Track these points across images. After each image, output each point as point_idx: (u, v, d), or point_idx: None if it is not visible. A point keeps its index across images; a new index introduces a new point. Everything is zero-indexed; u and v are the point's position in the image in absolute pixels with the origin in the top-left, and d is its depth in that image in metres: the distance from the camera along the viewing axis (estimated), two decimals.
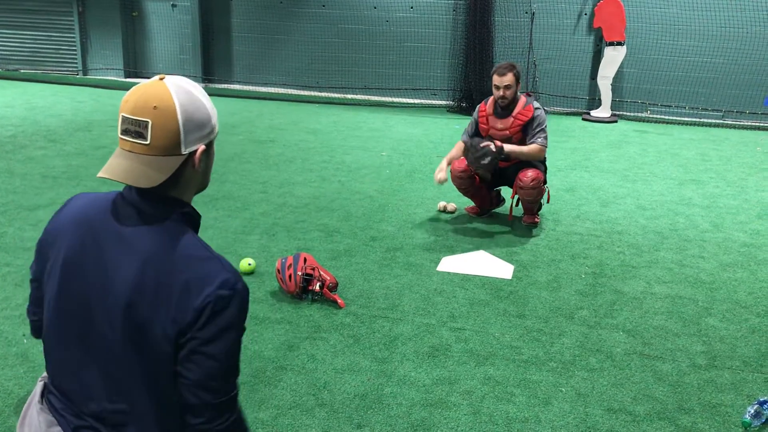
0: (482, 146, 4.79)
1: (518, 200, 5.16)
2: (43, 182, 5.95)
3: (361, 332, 3.56)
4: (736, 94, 9.78)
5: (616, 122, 9.67)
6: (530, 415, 2.93)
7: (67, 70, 12.44)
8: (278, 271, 3.97)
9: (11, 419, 2.79)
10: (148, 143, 1.41)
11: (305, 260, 3.98)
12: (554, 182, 6.24)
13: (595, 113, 9.82)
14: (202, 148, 1.49)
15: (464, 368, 3.27)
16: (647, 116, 10.01)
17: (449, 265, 4.46)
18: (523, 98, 5.03)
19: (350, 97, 11.04)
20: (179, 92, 1.45)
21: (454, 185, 5.21)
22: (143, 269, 1.42)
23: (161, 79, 1.47)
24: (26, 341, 3.36)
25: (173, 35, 11.85)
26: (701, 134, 9.01)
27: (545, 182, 5.11)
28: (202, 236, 1.53)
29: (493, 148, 4.77)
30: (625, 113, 10.08)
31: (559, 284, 4.22)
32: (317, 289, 3.85)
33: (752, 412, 2.90)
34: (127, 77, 12.13)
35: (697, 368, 3.34)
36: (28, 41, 12.55)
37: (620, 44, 9.49)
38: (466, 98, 10.28)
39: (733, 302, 4.05)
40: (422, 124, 9.21)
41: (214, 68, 11.81)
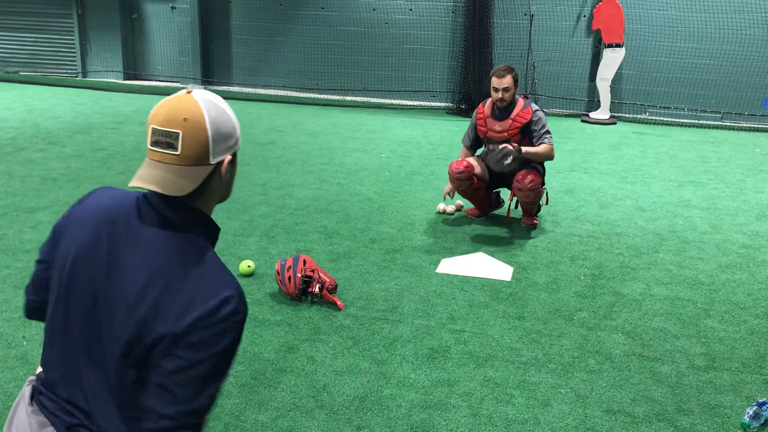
0: (501, 148, 4.81)
1: (517, 202, 5.17)
2: (42, 184, 5.95)
3: (360, 334, 3.57)
4: (734, 95, 9.80)
5: (615, 124, 9.68)
6: (529, 416, 2.93)
7: (66, 72, 12.44)
8: (278, 273, 3.97)
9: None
10: (178, 153, 1.47)
11: (305, 262, 3.98)
12: (553, 184, 6.25)
13: (594, 115, 9.83)
14: (228, 158, 1.55)
15: (464, 370, 3.27)
16: (646, 118, 10.03)
17: (448, 266, 4.47)
18: (521, 100, 5.04)
19: (349, 99, 11.05)
20: (207, 105, 1.51)
21: (452, 186, 5.22)
22: (153, 276, 1.44)
23: (188, 92, 1.53)
24: (26, 343, 3.36)
25: (173, 37, 11.86)
26: (700, 136, 9.02)
27: (543, 184, 5.12)
28: None
29: (511, 148, 4.79)
30: (624, 115, 10.10)
31: (558, 286, 4.23)
32: (317, 291, 3.85)
33: (751, 413, 2.90)
34: (126, 79, 12.15)
35: (696, 369, 3.34)
36: (27, 43, 12.56)
37: (619, 46, 9.51)
38: (465, 100, 10.29)
39: (732, 304, 4.06)
40: (421, 126, 9.21)
41: (213, 70, 11.82)
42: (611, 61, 9.56)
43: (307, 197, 5.84)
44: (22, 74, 12.39)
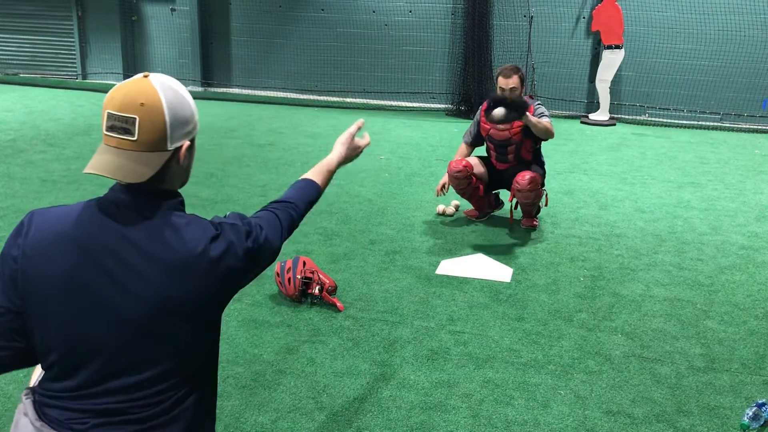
0: (497, 97, 4.71)
1: (517, 203, 5.17)
2: (42, 186, 5.95)
3: (360, 335, 3.57)
4: (734, 97, 9.80)
5: (614, 125, 9.68)
6: (529, 417, 2.93)
7: (66, 74, 12.45)
8: (277, 274, 3.97)
9: (11, 423, 2.79)
10: (135, 139, 1.43)
11: (304, 264, 3.98)
12: (553, 185, 6.25)
13: (593, 116, 9.83)
14: (186, 144, 1.53)
15: (463, 371, 3.27)
16: (645, 119, 10.03)
17: (448, 268, 4.47)
18: (526, 99, 5.04)
19: (349, 100, 11.06)
20: (165, 89, 1.47)
21: (451, 186, 5.22)
22: (165, 264, 1.46)
23: (145, 76, 1.48)
24: None
25: (172, 39, 11.86)
26: (699, 137, 9.02)
27: (543, 185, 5.12)
28: None
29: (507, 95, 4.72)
30: (623, 116, 10.10)
31: (557, 287, 4.23)
32: (316, 292, 3.86)
33: (750, 414, 2.91)
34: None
35: (695, 371, 3.34)
36: (27, 45, 12.57)
37: (618, 47, 9.51)
38: (464, 102, 10.29)
39: (731, 305, 4.06)
40: (421, 127, 9.22)
41: (213, 72, 11.82)
42: (611, 62, 9.57)
43: None
44: (21, 76, 12.40)
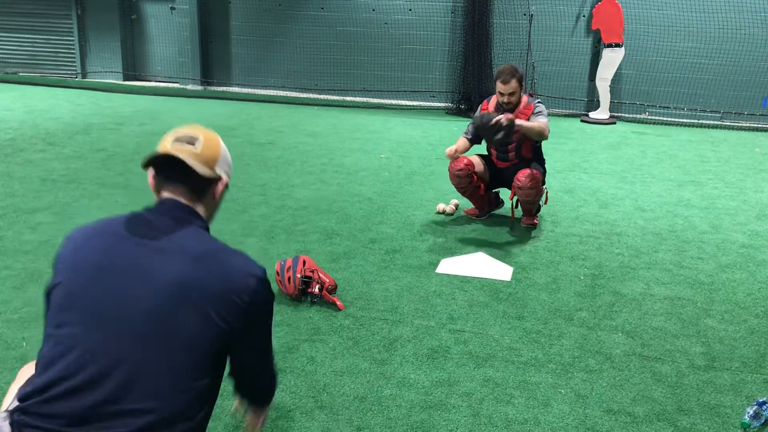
0: (493, 122, 4.73)
1: (517, 201, 5.16)
2: (42, 185, 5.95)
3: (360, 334, 3.57)
4: (734, 95, 9.80)
5: (614, 124, 9.68)
6: (529, 416, 2.93)
7: (65, 73, 12.45)
8: (277, 273, 3.97)
9: None
10: (198, 152, 1.75)
11: (304, 263, 3.98)
12: (553, 184, 6.25)
13: (593, 115, 9.83)
14: (225, 180, 1.83)
15: (463, 370, 3.27)
16: (646, 118, 10.03)
17: (448, 267, 4.46)
18: (525, 98, 5.04)
19: (349, 99, 11.06)
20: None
21: (452, 184, 5.22)
22: (193, 264, 1.68)
23: None
24: (26, 344, 3.36)
25: (172, 38, 11.86)
26: (700, 136, 9.02)
27: (544, 183, 5.12)
28: None
29: (503, 121, 4.73)
30: (623, 115, 10.10)
31: (558, 286, 4.23)
32: (316, 291, 3.85)
33: (751, 413, 2.90)
34: (125, 80, 12.15)
35: (696, 369, 3.34)
36: (26, 44, 12.56)
37: (618, 46, 9.51)
38: (464, 100, 10.29)
39: (732, 303, 4.06)
40: (421, 126, 9.21)
41: (212, 71, 11.82)
42: (611, 60, 9.56)
43: (306, 198, 5.84)
44: (21, 75, 12.39)
